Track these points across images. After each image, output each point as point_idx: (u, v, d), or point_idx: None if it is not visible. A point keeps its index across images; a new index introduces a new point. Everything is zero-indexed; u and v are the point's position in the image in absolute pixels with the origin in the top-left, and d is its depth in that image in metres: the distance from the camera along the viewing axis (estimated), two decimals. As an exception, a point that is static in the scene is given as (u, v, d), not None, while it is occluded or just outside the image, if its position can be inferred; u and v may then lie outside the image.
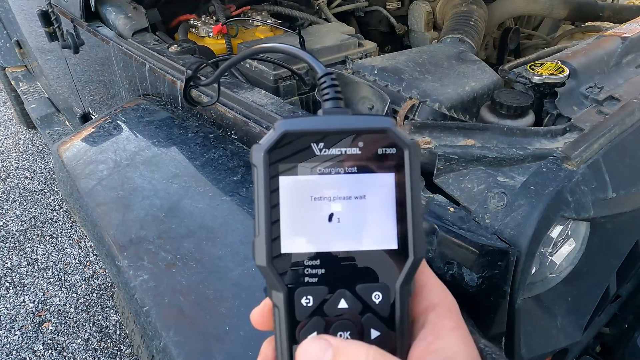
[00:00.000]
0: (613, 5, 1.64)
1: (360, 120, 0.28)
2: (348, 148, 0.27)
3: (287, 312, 0.27)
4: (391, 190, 0.28)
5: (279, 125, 0.28)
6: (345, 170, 0.27)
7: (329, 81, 0.32)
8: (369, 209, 0.28)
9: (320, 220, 0.27)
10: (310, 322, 0.27)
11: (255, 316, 0.30)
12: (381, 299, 0.27)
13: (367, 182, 0.28)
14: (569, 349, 0.83)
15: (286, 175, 0.27)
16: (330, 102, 0.31)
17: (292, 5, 1.81)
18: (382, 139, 0.28)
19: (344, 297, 0.27)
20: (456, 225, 0.66)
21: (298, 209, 0.27)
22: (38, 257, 2.28)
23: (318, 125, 0.28)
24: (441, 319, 0.28)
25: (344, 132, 0.28)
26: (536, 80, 0.92)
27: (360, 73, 1.07)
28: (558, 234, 0.74)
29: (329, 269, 0.27)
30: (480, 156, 0.74)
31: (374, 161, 0.28)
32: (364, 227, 0.28)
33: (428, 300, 0.29)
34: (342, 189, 0.27)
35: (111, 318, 1.96)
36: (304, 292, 0.27)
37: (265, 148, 0.27)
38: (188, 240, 0.79)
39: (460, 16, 1.58)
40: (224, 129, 1.04)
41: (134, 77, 1.30)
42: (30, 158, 3.06)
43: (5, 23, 2.80)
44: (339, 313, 0.27)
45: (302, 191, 0.27)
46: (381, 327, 0.27)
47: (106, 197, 0.94)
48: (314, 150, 0.27)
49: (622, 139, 0.81)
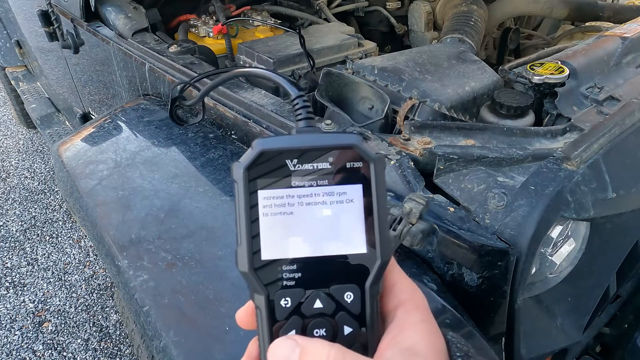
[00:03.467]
0: (613, 5, 1.64)
1: (330, 138, 0.31)
2: (319, 163, 0.30)
3: (268, 313, 0.30)
4: (359, 200, 0.30)
5: (256, 144, 0.30)
6: (317, 183, 0.30)
7: (301, 103, 0.35)
8: (340, 217, 0.30)
9: (296, 228, 0.30)
10: (289, 322, 0.30)
11: (240, 316, 0.33)
12: (352, 298, 0.30)
13: (338, 194, 0.30)
14: (569, 349, 0.83)
15: (264, 189, 0.30)
16: (303, 122, 0.34)
17: (292, 5, 1.80)
18: (350, 155, 0.30)
19: (319, 297, 0.30)
20: (456, 225, 0.66)
21: (275, 219, 0.30)
22: (38, 257, 2.28)
23: (292, 144, 0.31)
24: (408, 314, 0.31)
25: (315, 149, 0.30)
26: (536, 80, 0.92)
27: (360, 73, 1.07)
28: (558, 234, 0.74)
29: (305, 272, 0.30)
30: (480, 156, 0.74)
31: (343, 174, 0.30)
32: (336, 233, 0.30)
33: (398, 298, 0.31)
34: (314, 200, 0.30)
35: (111, 318, 1.96)
36: (283, 295, 0.30)
37: (245, 165, 0.30)
38: (188, 241, 0.79)
39: (460, 16, 1.58)
40: (224, 129, 1.04)
41: (134, 77, 1.30)
42: (30, 158, 3.06)
43: (5, 23, 2.80)
44: (315, 312, 0.30)
45: (278, 203, 0.30)
46: (353, 324, 0.30)
47: (106, 197, 0.94)
48: (289, 166, 0.30)
49: (622, 139, 0.81)
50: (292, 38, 1.34)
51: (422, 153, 0.77)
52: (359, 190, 0.31)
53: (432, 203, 0.70)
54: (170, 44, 1.24)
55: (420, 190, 0.72)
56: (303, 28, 1.58)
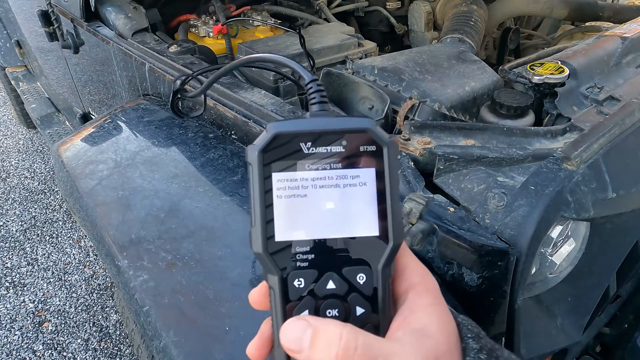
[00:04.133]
0: (613, 5, 1.64)
1: (343, 121, 0.31)
2: (333, 147, 0.31)
3: (282, 293, 0.30)
4: (372, 183, 0.31)
5: (270, 127, 0.31)
6: (330, 166, 0.31)
7: (315, 87, 0.35)
8: (353, 200, 0.31)
9: (309, 210, 0.31)
10: (302, 302, 0.30)
11: (253, 297, 0.33)
12: (365, 280, 0.31)
13: (351, 177, 0.31)
14: (569, 349, 0.83)
15: (278, 172, 0.30)
16: (317, 106, 0.34)
17: (292, 5, 1.80)
18: (364, 138, 0.31)
19: (331, 278, 0.31)
20: (456, 225, 0.66)
21: (289, 201, 0.30)
22: (38, 257, 2.28)
23: (306, 127, 0.31)
24: (419, 296, 0.31)
25: (329, 132, 0.31)
26: (536, 80, 0.92)
27: (360, 73, 1.07)
28: (558, 234, 0.74)
29: (318, 254, 0.31)
30: (480, 156, 0.74)
31: (356, 158, 0.31)
32: (349, 216, 0.31)
33: (409, 281, 0.32)
34: (328, 183, 0.31)
35: (111, 318, 1.96)
36: (296, 275, 0.30)
37: (259, 148, 0.31)
38: (188, 241, 0.79)
39: (460, 16, 1.58)
40: (224, 129, 1.04)
41: (134, 77, 1.30)
42: (30, 158, 3.06)
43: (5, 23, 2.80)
44: (327, 293, 0.31)
45: (292, 185, 0.30)
46: (365, 305, 0.31)
47: (106, 197, 0.94)
48: (303, 149, 0.31)
49: (622, 139, 0.81)
50: (292, 38, 1.34)
51: (422, 153, 0.77)
52: (372, 173, 0.31)
53: (432, 203, 0.70)
54: (170, 44, 1.24)
55: (420, 190, 0.72)
56: (303, 28, 1.58)
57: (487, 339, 0.33)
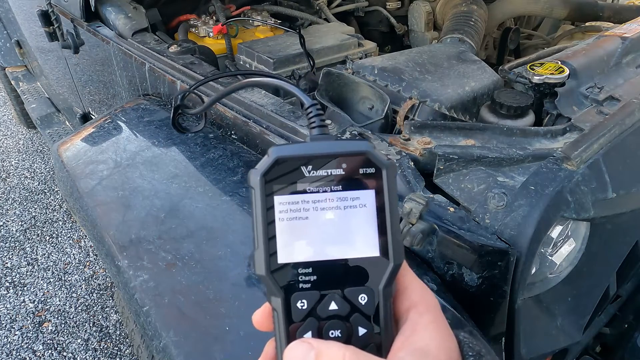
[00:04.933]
0: (613, 5, 1.64)
1: (343, 144, 0.32)
2: (333, 169, 0.31)
3: (285, 315, 0.31)
4: (372, 204, 0.31)
5: (272, 151, 0.32)
6: (331, 188, 0.31)
7: (315, 111, 0.36)
8: (354, 222, 0.31)
9: (311, 232, 0.31)
10: (305, 323, 0.31)
11: (257, 318, 0.33)
12: (366, 300, 0.31)
13: (351, 198, 0.31)
14: (569, 349, 0.83)
15: (280, 195, 0.31)
16: (317, 130, 0.35)
17: (292, 5, 1.80)
18: (363, 161, 0.31)
19: (334, 299, 0.31)
20: (456, 225, 0.66)
21: (291, 224, 0.31)
22: (38, 257, 2.28)
23: (306, 151, 0.32)
24: (420, 315, 0.32)
25: (329, 155, 0.31)
26: (536, 80, 0.92)
27: (360, 73, 1.07)
28: (558, 234, 0.74)
29: (320, 275, 0.31)
30: (480, 156, 0.74)
31: (356, 180, 0.31)
32: (350, 237, 0.31)
33: (410, 300, 0.32)
34: (328, 205, 0.31)
35: (111, 318, 1.96)
36: (299, 297, 0.31)
37: (261, 172, 0.31)
38: (188, 241, 0.79)
39: (460, 16, 1.58)
40: (224, 129, 1.04)
41: (134, 77, 1.30)
42: (30, 158, 3.06)
43: (5, 23, 2.80)
44: (330, 314, 0.31)
45: (294, 207, 0.31)
46: (367, 325, 0.31)
47: (106, 197, 0.94)
48: (304, 172, 0.31)
49: (622, 139, 0.81)
50: (292, 38, 1.34)
51: (422, 153, 0.77)
52: (372, 195, 0.31)
53: (432, 203, 0.70)
54: (170, 44, 1.24)
55: (420, 190, 0.72)
56: (303, 28, 1.58)
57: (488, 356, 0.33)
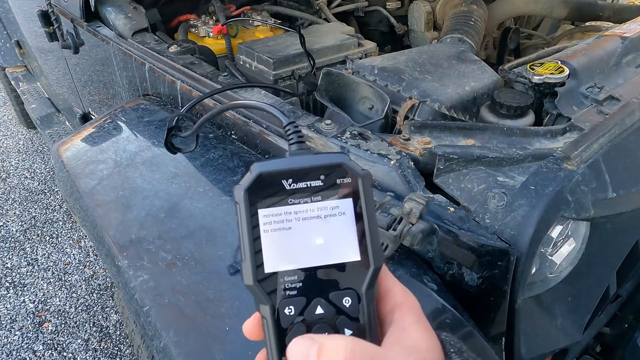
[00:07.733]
0: (613, 5, 1.64)
1: (320, 158, 0.34)
2: (312, 181, 0.33)
3: (274, 322, 0.32)
4: (350, 212, 0.33)
5: (254, 167, 0.33)
6: (311, 199, 0.33)
7: (293, 128, 0.38)
8: (334, 229, 0.33)
9: (294, 242, 0.33)
10: (293, 328, 0.32)
11: (247, 328, 0.35)
12: (351, 302, 0.33)
13: (330, 207, 0.33)
14: (569, 349, 0.83)
15: (264, 208, 0.33)
16: (295, 145, 0.37)
17: (292, 5, 1.80)
18: (339, 172, 0.33)
19: (319, 304, 0.33)
20: (456, 225, 0.66)
21: (275, 235, 0.33)
22: (38, 257, 2.28)
23: (286, 165, 0.33)
24: (404, 315, 0.33)
25: (308, 169, 0.33)
26: (536, 80, 0.92)
27: (360, 73, 1.07)
28: (558, 234, 0.74)
29: (305, 281, 0.33)
30: (480, 156, 0.74)
31: (334, 190, 0.33)
32: (332, 244, 0.33)
33: (393, 301, 0.34)
34: (310, 215, 0.33)
35: (111, 318, 1.96)
36: (286, 303, 0.32)
37: (245, 187, 0.33)
38: (188, 241, 0.79)
39: (460, 16, 1.58)
40: (224, 129, 1.04)
41: (134, 77, 1.30)
42: (30, 158, 3.06)
43: (5, 23, 2.80)
44: (317, 318, 0.33)
45: (277, 219, 0.33)
46: (353, 326, 0.33)
47: (106, 197, 0.94)
48: (285, 186, 0.33)
49: (622, 139, 0.81)
50: (292, 38, 1.34)
51: (422, 153, 0.77)
52: (350, 203, 0.33)
53: (432, 203, 0.70)
54: (170, 44, 1.24)
55: (420, 190, 0.72)
56: (303, 28, 1.58)
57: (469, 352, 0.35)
